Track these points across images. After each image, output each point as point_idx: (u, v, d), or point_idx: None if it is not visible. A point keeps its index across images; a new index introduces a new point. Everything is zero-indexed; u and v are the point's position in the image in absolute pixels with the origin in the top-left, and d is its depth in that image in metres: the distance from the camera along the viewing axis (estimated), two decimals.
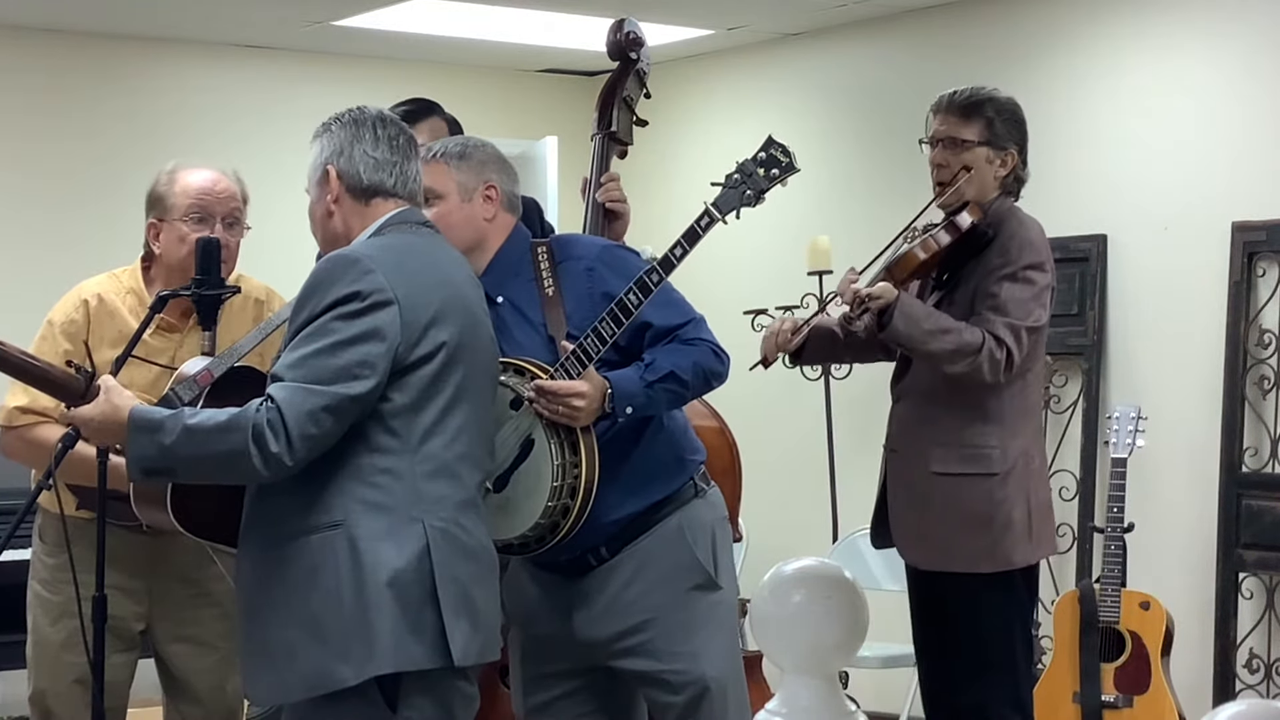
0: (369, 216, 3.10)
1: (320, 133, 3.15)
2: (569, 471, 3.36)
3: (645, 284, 3.35)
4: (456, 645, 2.95)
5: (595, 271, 3.48)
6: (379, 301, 2.93)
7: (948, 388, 3.95)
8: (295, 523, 2.95)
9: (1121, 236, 6.10)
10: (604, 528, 3.45)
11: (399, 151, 3.13)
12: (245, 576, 3.05)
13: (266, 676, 3.00)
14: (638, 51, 4.28)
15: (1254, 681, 5.67)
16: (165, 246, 3.76)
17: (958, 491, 3.95)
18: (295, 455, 2.86)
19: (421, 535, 2.95)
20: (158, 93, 6.96)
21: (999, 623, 3.99)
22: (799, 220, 6.89)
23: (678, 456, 3.56)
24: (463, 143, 3.56)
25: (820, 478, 6.66)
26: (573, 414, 3.34)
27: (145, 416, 2.95)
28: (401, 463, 2.96)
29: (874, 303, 3.87)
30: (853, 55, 7.03)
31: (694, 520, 3.53)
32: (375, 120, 3.14)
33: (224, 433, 2.88)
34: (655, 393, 3.42)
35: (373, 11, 6.55)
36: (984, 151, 4.02)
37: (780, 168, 3.44)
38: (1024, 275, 3.93)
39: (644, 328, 3.46)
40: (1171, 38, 6.02)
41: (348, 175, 3.10)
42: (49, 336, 3.76)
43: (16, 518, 3.24)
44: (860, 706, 5.03)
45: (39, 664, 3.81)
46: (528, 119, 7.56)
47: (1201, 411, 5.81)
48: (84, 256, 5.70)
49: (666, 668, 3.47)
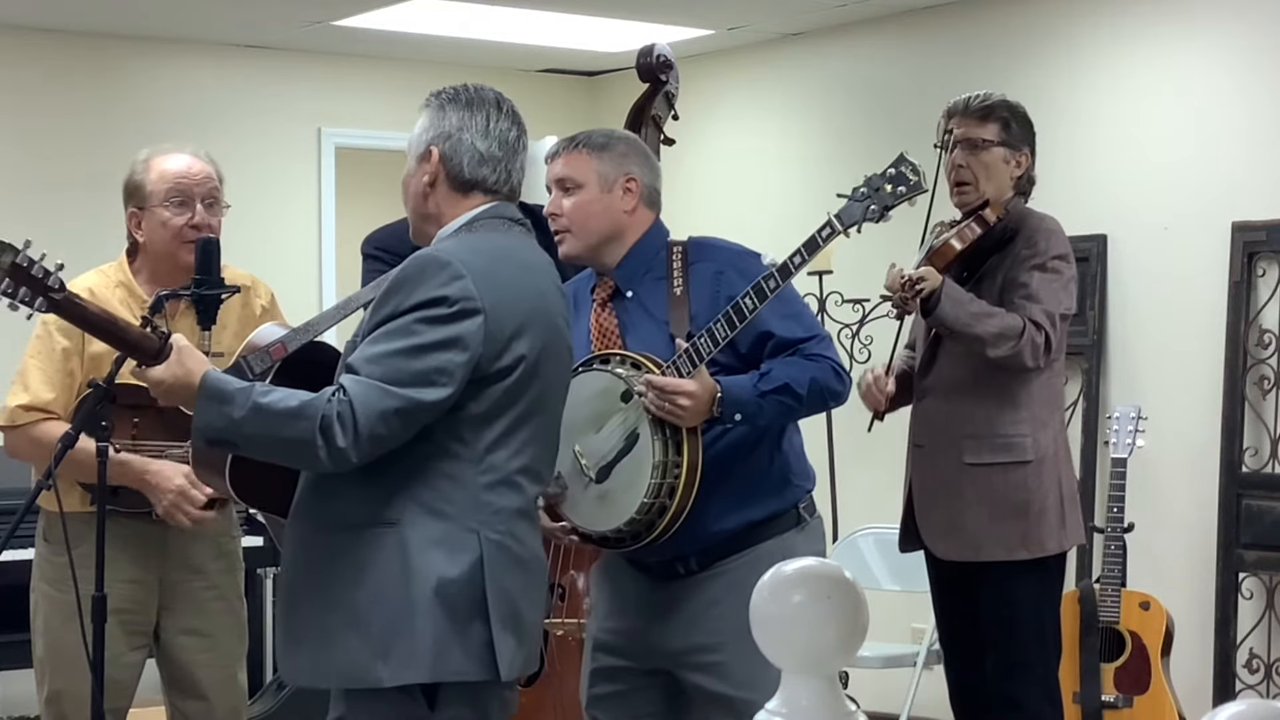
0: (464, 206, 3.02)
1: (431, 104, 3.07)
2: (670, 471, 3.32)
3: (761, 289, 3.32)
4: (504, 660, 2.90)
5: (724, 275, 3.46)
6: (466, 310, 2.85)
7: (976, 380, 4.05)
8: (351, 515, 2.90)
9: (1121, 236, 6.11)
10: (700, 537, 3.41)
11: (507, 148, 3.05)
12: (291, 557, 3.00)
13: (304, 659, 2.95)
14: (668, 74, 4.36)
15: (1254, 681, 5.67)
16: (148, 233, 3.77)
17: (991, 481, 4.04)
18: (361, 453, 2.80)
19: (476, 547, 2.89)
20: (158, 93, 6.96)
21: (1033, 612, 4.07)
22: (799, 220, 6.89)
23: (786, 479, 3.52)
24: (607, 133, 3.55)
25: (820, 478, 6.64)
26: (679, 412, 3.30)
27: (217, 385, 2.87)
28: (465, 470, 2.90)
29: (924, 284, 3.94)
30: (853, 55, 7.03)
31: (790, 551, 3.44)
32: (492, 107, 3.06)
33: (293, 418, 2.81)
34: (767, 403, 3.37)
35: (373, 11, 6.55)
36: (1001, 152, 4.15)
37: (909, 186, 3.38)
38: (1052, 265, 4.06)
39: (766, 337, 3.41)
40: (1172, 38, 6.02)
41: (451, 162, 3.02)
42: (45, 335, 3.75)
43: (16, 518, 3.23)
44: (860, 706, 5.03)
45: (54, 665, 3.77)
46: (528, 119, 7.50)
47: (1201, 411, 5.81)
48: (84, 256, 5.70)
49: (735, 694, 3.39)
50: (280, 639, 3.04)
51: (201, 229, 3.72)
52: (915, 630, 5.96)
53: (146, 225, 3.77)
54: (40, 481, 3.30)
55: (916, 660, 5.67)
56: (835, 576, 4.29)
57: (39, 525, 3.83)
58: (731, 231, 3.63)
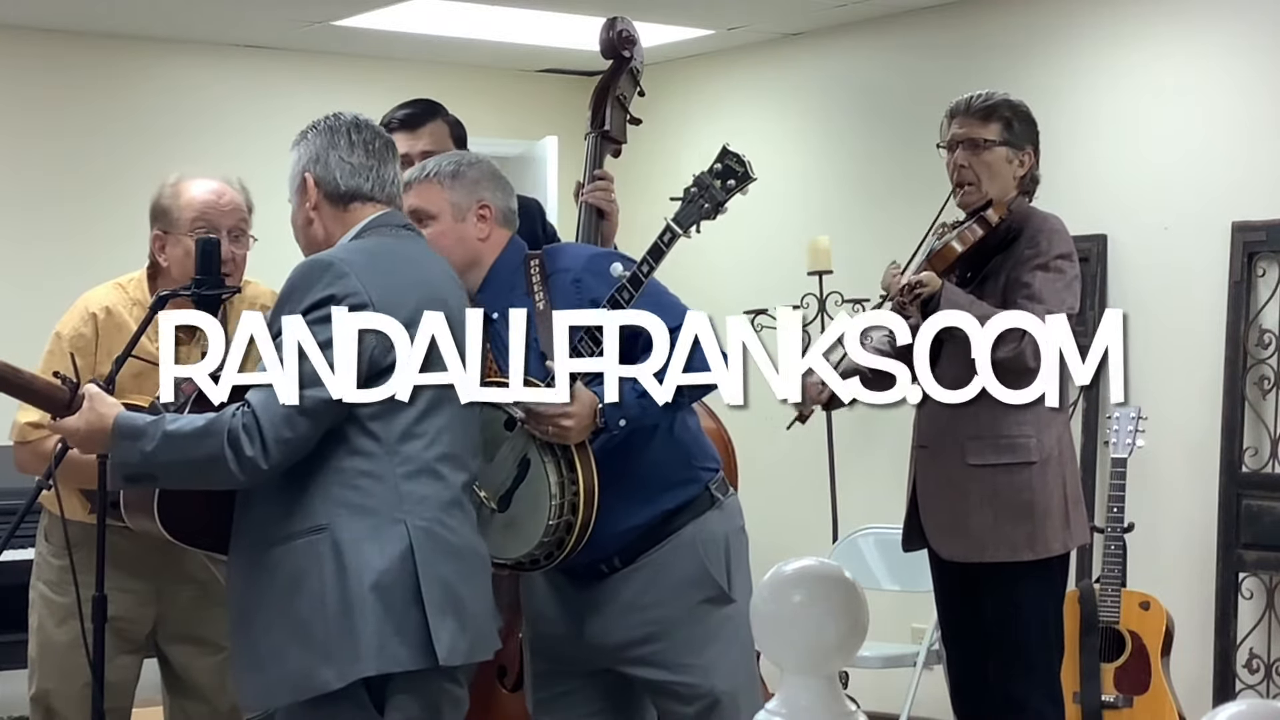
0: (348, 221, 3.12)
1: (297, 141, 3.18)
2: (567, 490, 3.33)
3: (617, 301, 3.31)
4: (442, 645, 2.95)
5: (582, 282, 3.45)
6: (353, 305, 2.92)
7: None
8: (280, 528, 2.96)
9: (1121, 236, 6.11)
10: (614, 539, 3.43)
11: (375, 155, 3.14)
12: (235, 583, 3.07)
13: (254, 681, 3.01)
14: (630, 49, 4.26)
15: (1254, 681, 5.67)
16: (171, 260, 3.74)
17: (996, 482, 4.03)
18: (271, 459, 2.88)
19: (404, 536, 2.95)
20: (158, 93, 6.95)
21: (1036, 613, 4.07)
22: (799, 220, 6.90)
23: (689, 465, 3.53)
24: (456, 160, 3.53)
25: (820, 478, 6.66)
26: (563, 433, 3.30)
27: (129, 423, 2.96)
28: (381, 465, 2.97)
29: (924, 289, 3.93)
30: (853, 55, 7.03)
31: (708, 532, 3.51)
32: (350, 125, 3.15)
33: (200, 438, 2.89)
34: (649, 402, 3.38)
35: (373, 11, 6.55)
36: (1004, 151, 4.14)
37: (736, 178, 3.37)
38: (1055, 265, 4.04)
39: (637, 334, 3.43)
40: (1172, 38, 6.02)
41: (325, 182, 3.12)
42: (57, 350, 3.73)
43: (17, 518, 3.24)
44: (860, 706, 5.03)
45: (44, 665, 3.80)
46: (528, 119, 7.56)
47: (1201, 411, 5.81)
48: (84, 256, 5.74)
49: (676, 679, 3.46)
50: (233, 669, 3.09)
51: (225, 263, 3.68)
52: (915, 630, 5.96)
53: (169, 251, 3.74)
54: (40, 482, 3.31)
55: (916, 660, 5.66)
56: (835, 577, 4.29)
57: (40, 525, 3.83)
58: (731, 232, 3.61)
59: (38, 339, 3.82)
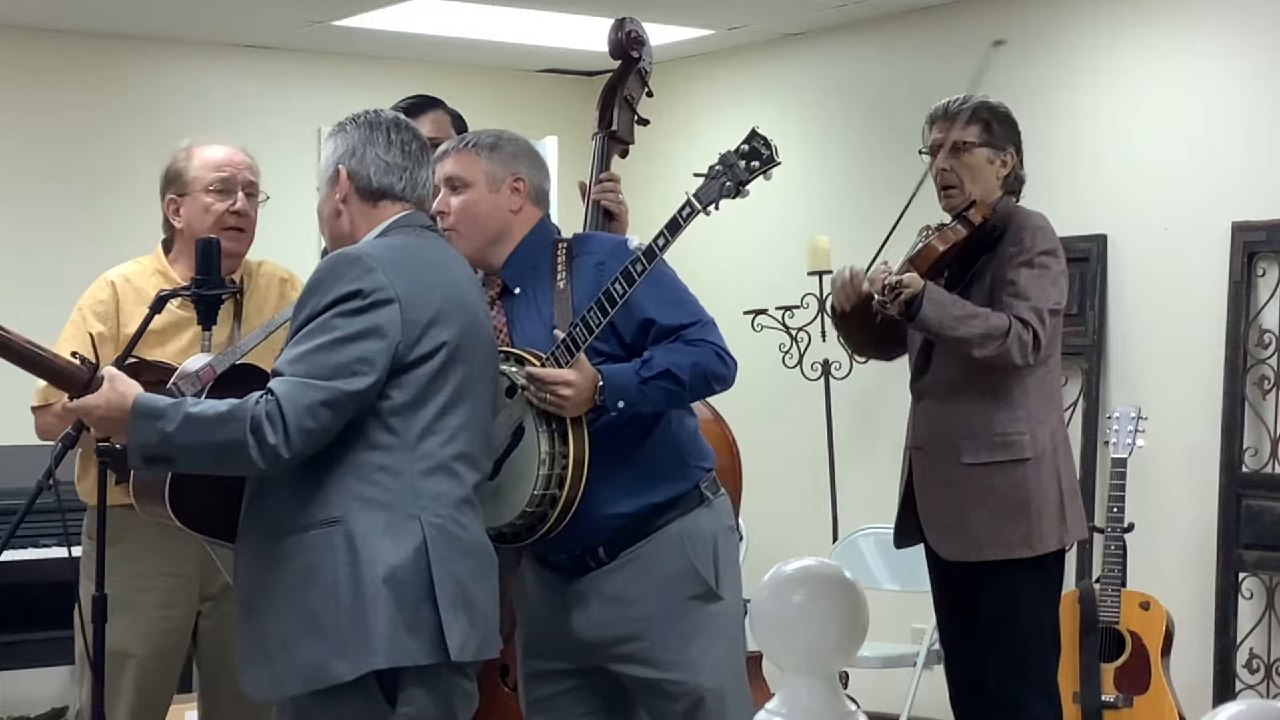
0: (375, 218, 3.14)
1: (335, 132, 3.19)
2: (557, 462, 3.35)
3: (630, 273, 3.34)
4: (454, 641, 2.97)
5: (605, 265, 3.46)
6: (380, 300, 2.95)
7: (971, 380, 4.05)
8: (294, 519, 2.97)
9: (1121, 236, 6.11)
10: (600, 524, 3.44)
11: (410, 157, 3.16)
12: (244, 573, 3.07)
13: (264, 671, 3.01)
14: (639, 50, 4.28)
15: (1254, 681, 5.67)
16: (188, 219, 3.83)
17: (991, 480, 4.04)
18: (292, 448, 2.89)
19: (419, 531, 2.96)
20: (158, 93, 6.95)
21: (1032, 610, 4.08)
22: (799, 220, 6.89)
23: (682, 461, 3.54)
24: (496, 134, 3.58)
25: (820, 478, 6.66)
26: (560, 402, 3.34)
27: (149, 404, 2.96)
28: (399, 460, 2.98)
29: (905, 290, 3.93)
30: (853, 55, 7.03)
31: (696, 529, 3.52)
32: (390, 124, 3.17)
33: (223, 422, 2.90)
34: (649, 389, 3.40)
35: (373, 11, 6.55)
36: (984, 152, 4.14)
37: (761, 160, 3.39)
38: (1039, 261, 4.04)
39: (648, 325, 3.45)
40: (1172, 38, 6.02)
41: (358, 176, 3.14)
42: (78, 320, 3.81)
43: (17, 518, 3.24)
44: (860, 706, 5.04)
45: None
46: (528, 119, 7.54)
47: (1201, 411, 5.81)
48: (84, 256, 5.71)
49: (662, 676, 3.47)
50: (242, 657, 3.08)
51: (242, 215, 3.84)
52: (915, 630, 5.96)
53: (186, 211, 3.83)
54: (40, 482, 3.30)
55: (916, 660, 5.67)
56: (835, 577, 4.31)
57: (84, 523, 3.81)
58: (731, 231, 3.62)
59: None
